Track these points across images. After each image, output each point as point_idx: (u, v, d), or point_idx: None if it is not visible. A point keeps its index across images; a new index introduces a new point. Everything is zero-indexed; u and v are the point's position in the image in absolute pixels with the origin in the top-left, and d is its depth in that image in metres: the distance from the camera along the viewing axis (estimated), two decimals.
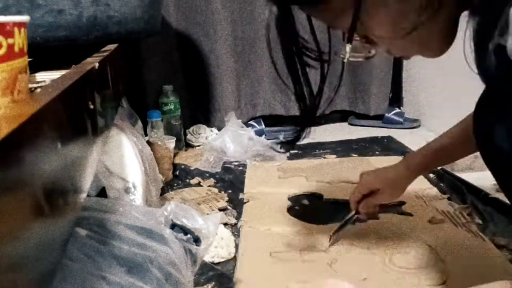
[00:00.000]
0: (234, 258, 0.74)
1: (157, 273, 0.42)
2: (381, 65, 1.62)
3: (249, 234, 0.83)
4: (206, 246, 0.57)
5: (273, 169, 1.21)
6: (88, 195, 0.53)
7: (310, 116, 0.56)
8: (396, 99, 1.72)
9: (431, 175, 1.11)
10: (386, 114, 1.63)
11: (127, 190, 0.62)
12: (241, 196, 1.04)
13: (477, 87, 1.18)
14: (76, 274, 0.34)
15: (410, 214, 0.90)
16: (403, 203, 0.95)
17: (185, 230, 0.54)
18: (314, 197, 1.03)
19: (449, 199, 0.97)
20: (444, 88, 1.45)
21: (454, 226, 0.84)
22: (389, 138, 1.47)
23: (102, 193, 0.61)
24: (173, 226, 0.54)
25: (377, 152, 1.33)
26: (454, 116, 1.44)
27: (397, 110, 1.64)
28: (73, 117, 0.42)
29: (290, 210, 0.95)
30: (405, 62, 1.67)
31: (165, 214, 0.52)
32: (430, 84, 1.53)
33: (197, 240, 0.57)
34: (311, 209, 0.96)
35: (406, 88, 1.70)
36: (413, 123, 1.60)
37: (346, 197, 0.97)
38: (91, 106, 0.49)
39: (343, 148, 1.39)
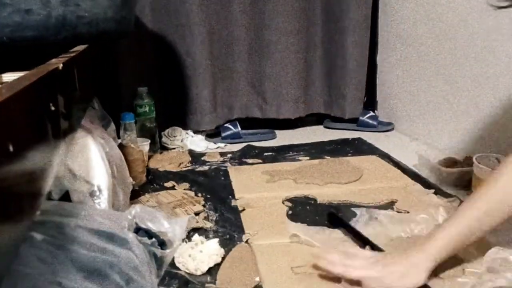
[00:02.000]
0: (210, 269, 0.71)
1: (117, 278, 0.41)
2: (356, 69, 1.64)
3: (261, 249, 0.79)
4: (172, 250, 0.56)
5: (257, 172, 1.21)
6: (50, 199, 0.51)
7: None
8: (370, 103, 1.74)
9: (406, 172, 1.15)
10: (361, 118, 1.65)
11: (92, 194, 0.60)
12: (233, 203, 1.01)
13: (451, 93, 1.20)
14: (29, 279, 0.33)
15: (407, 212, 0.93)
16: (394, 201, 0.98)
17: (150, 234, 0.54)
18: (308, 200, 1.03)
19: (435, 193, 1.01)
20: (417, 93, 1.48)
21: None
22: (360, 140, 1.50)
23: (65, 196, 0.59)
24: (138, 230, 0.53)
25: (349, 154, 1.35)
26: (426, 120, 1.47)
27: (371, 113, 1.67)
28: (30, 119, 0.41)
29: (290, 215, 0.94)
30: (379, 67, 1.70)
31: (129, 217, 0.51)
32: (404, 88, 1.56)
33: (162, 244, 0.56)
34: (310, 213, 0.95)
35: (380, 92, 1.72)
36: (386, 126, 1.63)
37: (338, 199, 1.01)
38: (53, 108, 0.48)
39: (316, 150, 1.40)
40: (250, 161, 1.32)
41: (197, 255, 0.68)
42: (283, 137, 1.59)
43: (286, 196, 1.04)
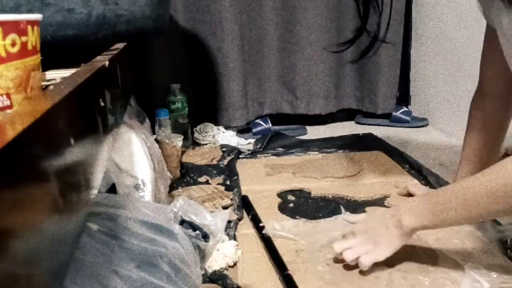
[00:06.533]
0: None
1: (167, 268, 0.42)
2: (389, 64, 1.61)
3: (244, 238, 0.82)
4: (214, 242, 0.58)
5: (260, 165, 1.23)
6: (98, 191, 0.53)
7: None
8: (403, 98, 1.72)
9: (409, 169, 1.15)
10: (394, 113, 1.63)
11: (136, 187, 0.62)
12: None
13: None
14: (89, 267, 0.35)
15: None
16: (387, 196, 0.99)
17: (193, 226, 0.55)
18: (302, 193, 1.05)
19: None
20: (452, 87, 1.44)
21: None
22: (370, 135, 1.50)
23: (112, 189, 0.62)
24: (182, 222, 0.54)
25: (361, 149, 1.34)
26: (461, 115, 1.43)
27: (405, 109, 1.64)
28: (85, 114, 0.42)
29: (281, 208, 0.96)
30: (413, 60, 1.67)
31: (174, 210, 0.53)
32: (438, 83, 1.52)
33: (205, 236, 0.57)
34: (301, 206, 0.98)
35: (413, 87, 1.69)
36: (420, 122, 1.60)
37: (333, 192, 1.03)
38: (102, 104, 0.50)
39: (327, 146, 1.40)
40: (260, 155, 1.35)
41: (214, 252, 0.68)
42: (314, 133, 1.59)
43: (282, 189, 1.06)
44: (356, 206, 0.95)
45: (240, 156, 1.34)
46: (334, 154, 1.31)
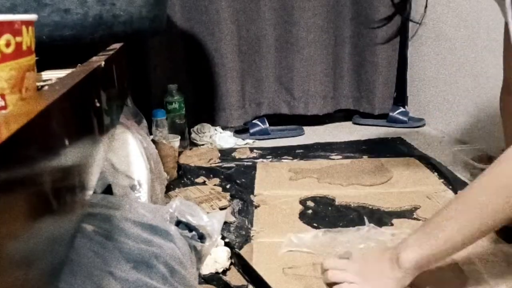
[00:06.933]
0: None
1: (162, 269, 0.42)
2: (386, 65, 1.62)
3: (260, 247, 0.79)
4: (210, 243, 0.57)
5: (284, 169, 1.19)
6: (94, 192, 0.53)
7: None
8: (400, 98, 1.72)
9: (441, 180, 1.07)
10: (391, 113, 1.63)
11: (132, 188, 0.62)
12: (251, 197, 1.02)
13: (481, 87, 1.17)
14: (84, 269, 0.35)
15: (425, 220, 0.86)
16: (417, 207, 0.93)
17: (190, 227, 0.55)
18: (326, 200, 1.00)
19: None
20: (451, 87, 1.44)
21: None
22: (399, 140, 1.44)
23: (108, 190, 0.61)
24: (178, 223, 0.54)
25: (387, 154, 1.29)
26: (459, 116, 1.44)
27: (402, 109, 1.64)
28: (80, 115, 0.42)
29: (302, 215, 0.93)
30: (410, 62, 1.67)
31: (170, 211, 0.53)
32: (437, 83, 1.53)
33: (201, 237, 0.57)
34: (320, 213, 0.94)
35: (410, 87, 1.69)
36: (418, 122, 1.60)
37: (358, 201, 0.97)
38: (97, 104, 0.50)
39: (351, 149, 1.36)
40: (280, 157, 1.32)
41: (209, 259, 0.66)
42: (311, 134, 1.59)
43: (305, 195, 1.01)
44: (380, 216, 0.90)
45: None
46: (362, 159, 1.24)
